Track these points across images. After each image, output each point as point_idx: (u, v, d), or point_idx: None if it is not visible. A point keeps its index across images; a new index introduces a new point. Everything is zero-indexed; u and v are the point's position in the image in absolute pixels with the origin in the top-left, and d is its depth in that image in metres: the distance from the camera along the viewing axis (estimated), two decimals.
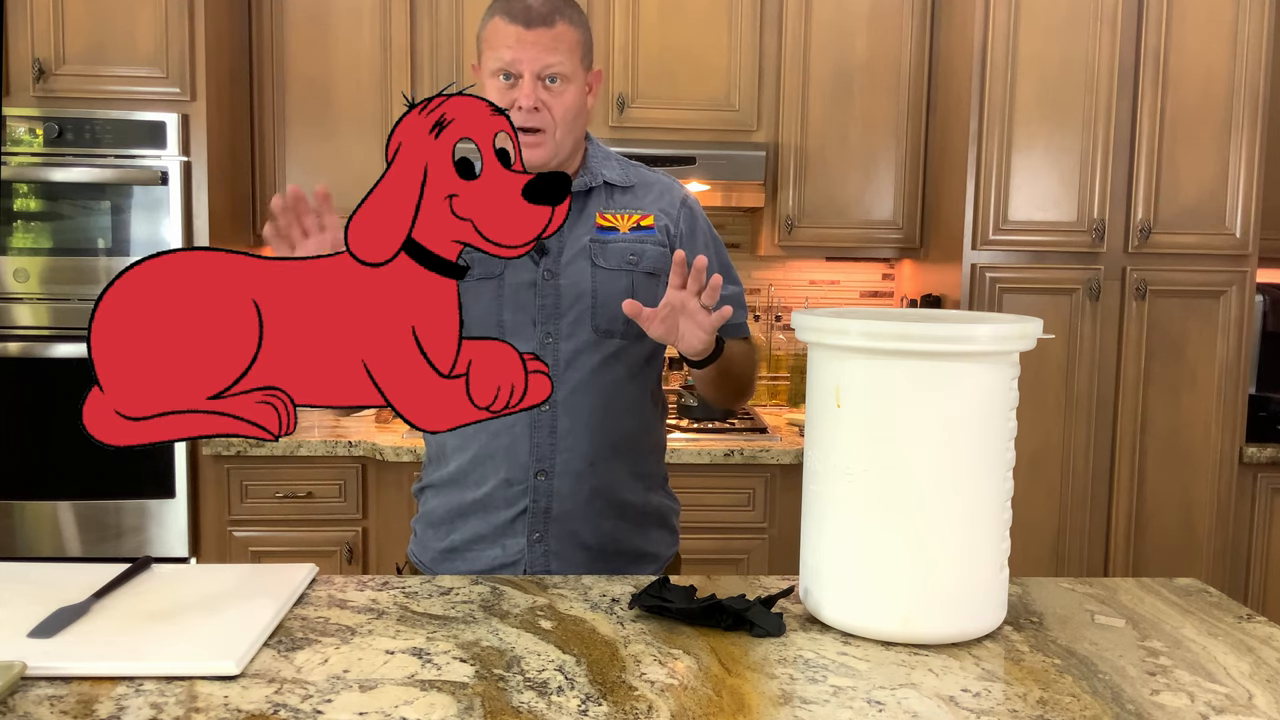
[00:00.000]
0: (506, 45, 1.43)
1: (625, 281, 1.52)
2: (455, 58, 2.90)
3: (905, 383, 1.16)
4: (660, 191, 1.59)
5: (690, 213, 1.60)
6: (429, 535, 1.60)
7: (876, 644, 1.19)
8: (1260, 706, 1.04)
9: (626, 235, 1.53)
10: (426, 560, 1.61)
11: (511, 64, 1.44)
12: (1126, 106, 2.69)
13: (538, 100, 1.44)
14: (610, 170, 1.56)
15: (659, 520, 1.63)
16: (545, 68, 1.44)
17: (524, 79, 1.44)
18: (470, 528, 1.55)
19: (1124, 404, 2.75)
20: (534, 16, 1.43)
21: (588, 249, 1.51)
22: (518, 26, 1.43)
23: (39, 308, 2.57)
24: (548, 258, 1.50)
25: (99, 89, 2.57)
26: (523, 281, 1.50)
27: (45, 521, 2.60)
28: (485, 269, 1.49)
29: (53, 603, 1.20)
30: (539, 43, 1.43)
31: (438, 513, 1.59)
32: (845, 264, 3.35)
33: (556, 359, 1.50)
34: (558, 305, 1.50)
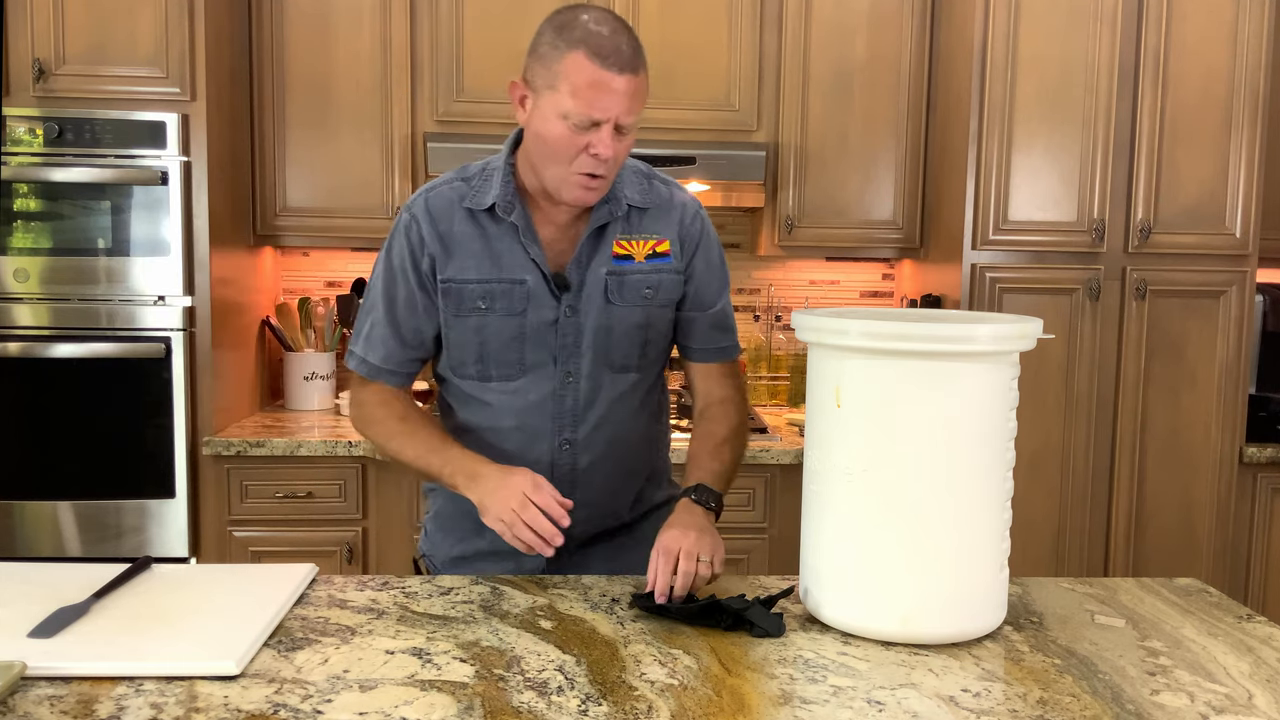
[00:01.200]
0: (594, 95, 1.31)
1: (641, 317, 1.49)
2: (455, 58, 2.90)
3: (905, 383, 1.16)
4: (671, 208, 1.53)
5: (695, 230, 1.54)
6: (442, 539, 1.60)
7: (876, 644, 1.19)
8: (1260, 706, 1.04)
9: (643, 265, 1.49)
10: (440, 563, 1.60)
11: (597, 114, 1.32)
12: (1126, 106, 2.69)
13: (614, 149, 1.35)
14: (632, 189, 1.50)
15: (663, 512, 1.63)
16: (625, 118, 1.34)
17: (603, 128, 1.33)
18: (487, 541, 1.51)
19: (1124, 404, 2.75)
20: (626, 63, 1.32)
21: (604, 284, 1.47)
22: (611, 72, 1.31)
23: (39, 308, 2.57)
24: (569, 294, 1.46)
25: (99, 89, 2.57)
26: (544, 320, 1.46)
27: (45, 521, 2.60)
28: (508, 305, 1.45)
29: (53, 603, 1.20)
30: (628, 93, 1.33)
31: (449, 512, 1.58)
32: (845, 264, 3.35)
33: (577, 397, 1.48)
34: (578, 343, 1.47)
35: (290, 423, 2.85)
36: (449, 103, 2.90)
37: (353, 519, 2.67)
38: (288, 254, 3.25)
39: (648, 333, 1.50)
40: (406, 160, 2.90)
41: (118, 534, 2.61)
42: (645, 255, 1.49)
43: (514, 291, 1.45)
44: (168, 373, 2.59)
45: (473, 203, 1.45)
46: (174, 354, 2.59)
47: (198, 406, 2.63)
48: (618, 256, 1.48)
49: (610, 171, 1.39)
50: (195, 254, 2.60)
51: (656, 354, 1.55)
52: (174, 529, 2.62)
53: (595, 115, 1.32)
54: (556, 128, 1.34)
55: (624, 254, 1.48)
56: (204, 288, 2.61)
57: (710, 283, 1.55)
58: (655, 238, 1.50)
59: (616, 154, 1.37)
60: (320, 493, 2.65)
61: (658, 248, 1.50)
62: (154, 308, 2.59)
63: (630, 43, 1.34)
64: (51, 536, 2.60)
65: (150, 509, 2.61)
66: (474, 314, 1.45)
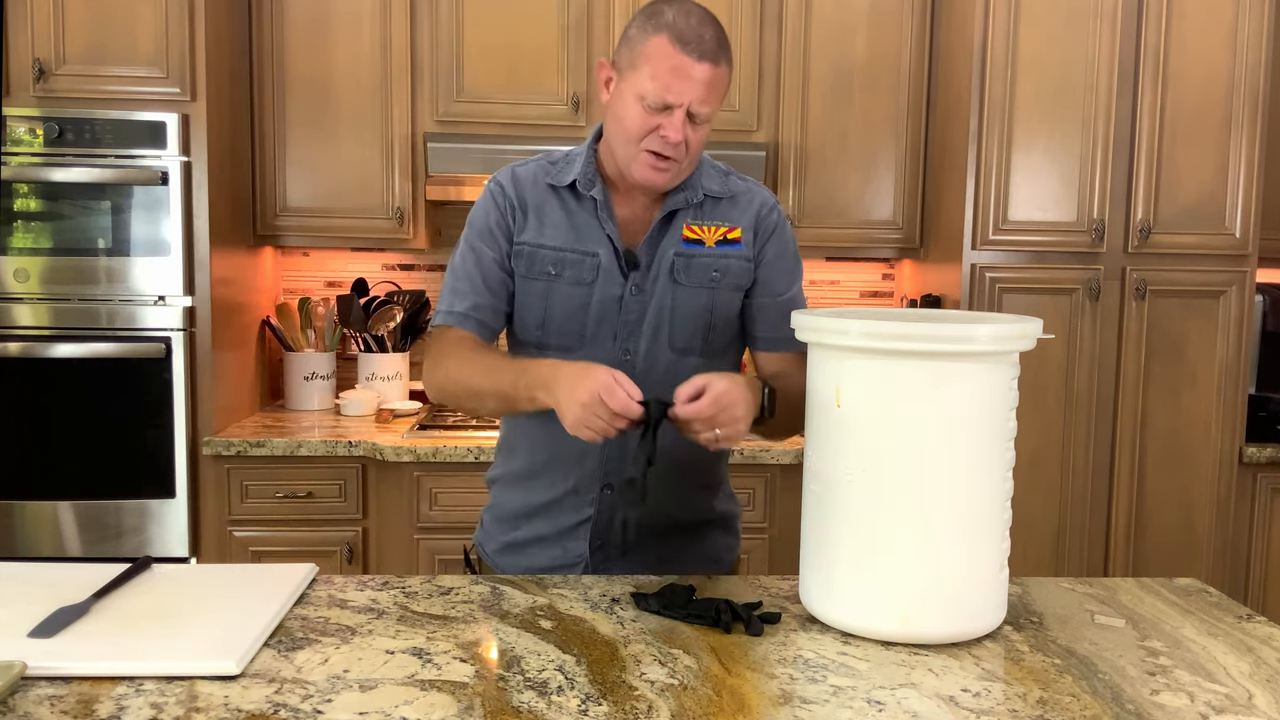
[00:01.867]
0: (671, 77, 1.35)
1: (706, 299, 1.49)
2: (455, 58, 2.90)
3: (905, 383, 1.16)
4: (749, 202, 1.54)
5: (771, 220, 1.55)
6: (495, 529, 1.61)
7: (876, 644, 1.19)
8: (1260, 706, 1.04)
9: (712, 250, 1.50)
10: (491, 551, 1.62)
11: (672, 98, 1.35)
12: (1126, 106, 2.69)
13: (685, 136, 1.38)
14: (710, 181, 1.52)
15: (721, 525, 1.63)
16: (699, 107, 1.37)
17: (676, 112, 1.36)
18: (534, 527, 1.55)
19: (1124, 404, 2.75)
20: (707, 51, 1.35)
21: (671, 264, 1.48)
22: (690, 59, 1.34)
23: (39, 308, 2.57)
24: (636, 272, 1.48)
25: (99, 89, 2.57)
26: (611, 295, 1.47)
27: (45, 521, 2.60)
28: (577, 274, 1.47)
29: (53, 603, 1.20)
30: (705, 81, 1.36)
31: (505, 508, 1.60)
32: (845, 264, 3.35)
33: (632, 375, 1.45)
34: (640, 321, 1.48)
35: (290, 423, 2.85)
36: (449, 103, 2.90)
37: (353, 519, 2.67)
38: (288, 254, 3.25)
39: (712, 316, 1.50)
40: (406, 160, 2.90)
41: (118, 534, 2.61)
42: (716, 241, 1.50)
43: (585, 262, 1.47)
44: (168, 373, 2.59)
45: (555, 179, 1.50)
46: (174, 354, 2.59)
47: (198, 406, 2.63)
48: (687, 240, 1.49)
49: (681, 157, 1.41)
50: (195, 254, 2.60)
51: (722, 342, 1.53)
52: (174, 529, 2.62)
53: (669, 99, 1.36)
54: (633, 108, 1.38)
55: (694, 238, 1.50)
56: (204, 288, 2.61)
57: (782, 270, 1.54)
58: (727, 225, 1.52)
59: (688, 140, 1.39)
60: (320, 493, 2.65)
61: (729, 234, 1.51)
62: (154, 308, 2.59)
63: (715, 34, 1.38)
64: (51, 536, 2.60)
65: (150, 509, 2.61)
66: (543, 278, 1.48)
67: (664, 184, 1.44)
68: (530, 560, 1.55)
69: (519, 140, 2.86)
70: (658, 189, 1.46)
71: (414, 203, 2.93)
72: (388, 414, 2.90)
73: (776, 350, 1.55)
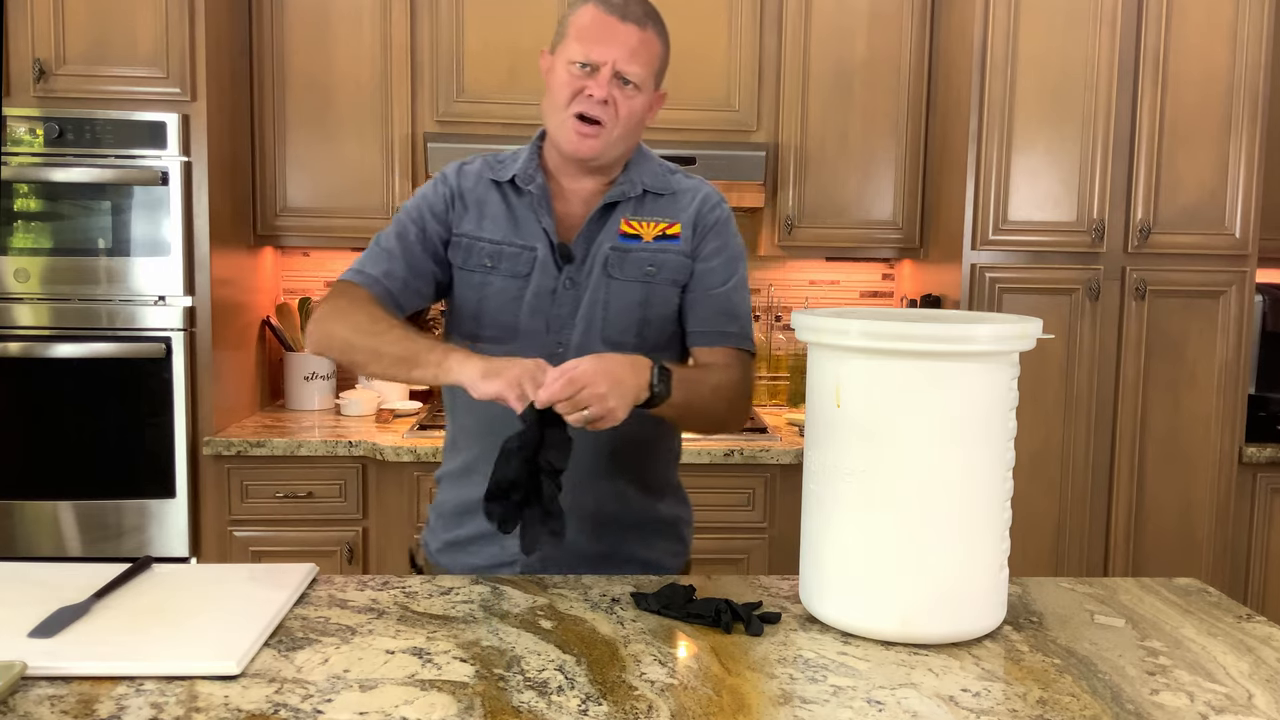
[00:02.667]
0: (596, 36, 1.41)
1: (641, 294, 1.49)
2: (455, 58, 2.90)
3: (905, 383, 1.16)
4: (691, 197, 1.55)
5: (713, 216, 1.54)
6: (438, 525, 1.61)
7: (876, 644, 1.19)
8: (1260, 706, 1.04)
9: (649, 245, 1.50)
10: (434, 550, 1.61)
11: (596, 55, 1.41)
12: (1126, 106, 2.69)
13: (609, 94, 1.42)
14: (649, 176, 1.53)
15: (666, 530, 1.60)
16: (625, 67, 1.42)
17: (601, 71, 1.41)
18: (474, 524, 1.54)
19: (1124, 404, 2.75)
20: (629, 13, 1.43)
21: (605, 258, 1.49)
22: (613, 18, 1.42)
23: (39, 308, 2.57)
24: (571, 265, 1.48)
25: (99, 89, 2.57)
26: (545, 288, 1.48)
27: (45, 521, 2.60)
28: (513, 267, 1.48)
29: (53, 603, 1.20)
30: (627, 41, 1.42)
31: (447, 505, 1.60)
32: (845, 264, 3.35)
33: None
34: (573, 315, 1.48)
35: (290, 423, 2.85)
36: (449, 103, 2.90)
37: (353, 519, 2.67)
38: (288, 254, 3.25)
39: (646, 311, 1.49)
40: (407, 160, 2.90)
41: (118, 534, 2.61)
42: (654, 236, 1.51)
43: (522, 255, 1.48)
44: (168, 373, 2.59)
45: (497, 175, 1.53)
46: (174, 354, 2.59)
47: (198, 406, 2.63)
48: (625, 235, 1.50)
49: (610, 121, 1.42)
50: (195, 254, 2.60)
51: (657, 339, 1.51)
52: (174, 529, 2.62)
53: (594, 56, 1.41)
54: (562, 75, 1.43)
55: (632, 233, 1.50)
56: (204, 288, 2.61)
57: (719, 265, 1.53)
58: (666, 221, 1.52)
59: (616, 103, 1.42)
60: (320, 493, 2.65)
61: (668, 230, 1.52)
62: (154, 308, 2.59)
63: (641, 3, 1.44)
64: (51, 536, 2.60)
65: (150, 509, 2.61)
66: (479, 270, 1.49)
67: (590, 151, 1.44)
68: (471, 558, 1.54)
69: (519, 140, 2.81)
70: (584, 157, 1.45)
71: None
72: (388, 414, 2.90)
73: (711, 344, 1.52)
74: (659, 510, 1.59)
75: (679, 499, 1.65)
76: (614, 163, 1.51)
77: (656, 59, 1.47)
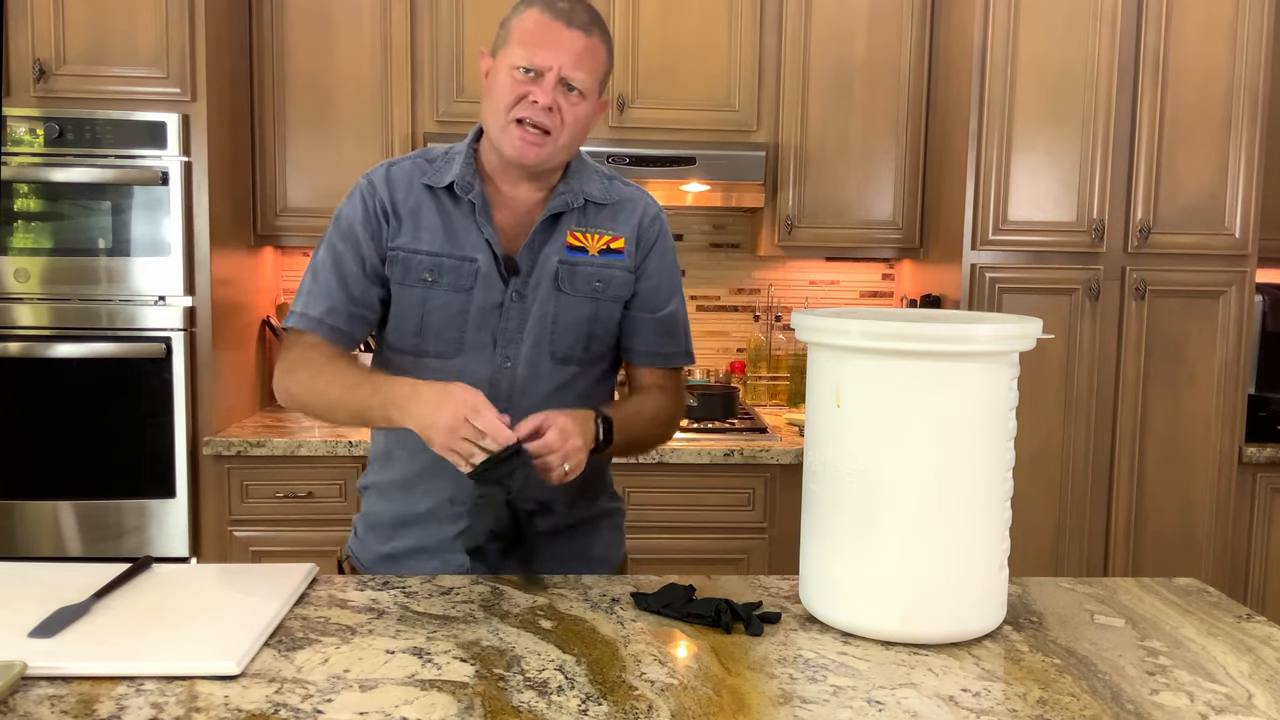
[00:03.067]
0: (540, 40, 1.38)
1: (589, 309, 1.48)
2: (455, 58, 2.90)
3: (905, 383, 1.16)
4: (632, 209, 1.53)
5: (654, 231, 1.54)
6: (370, 537, 1.58)
7: (876, 644, 1.19)
8: (1260, 706, 1.04)
9: (595, 259, 1.48)
10: (367, 561, 1.59)
11: (541, 60, 1.38)
12: (1126, 106, 2.69)
13: (554, 101, 1.39)
14: (591, 185, 1.51)
15: (607, 523, 1.61)
16: (570, 73, 1.39)
17: (546, 77, 1.38)
18: (412, 536, 1.53)
19: (1124, 404, 2.75)
20: (575, 19, 1.40)
21: (555, 272, 1.47)
22: (559, 23, 1.38)
23: (39, 308, 2.57)
24: (517, 279, 1.46)
25: (99, 89, 2.57)
26: (490, 301, 1.45)
27: (45, 521, 2.60)
28: (455, 280, 1.44)
29: (53, 603, 1.20)
30: (573, 47, 1.39)
31: (381, 517, 1.56)
32: (845, 264, 3.35)
33: (512, 383, 1.46)
34: (520, 328, 1.46)
35: (290, 423, 2.85)
36: (449, 103, 2.91)
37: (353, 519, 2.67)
38: (288, 254, 3.25)
39: (593, 326, 1.49)
40: None
41: (118, 534, 2.61)
42: (599, 250, 1.49)
43: (463, 268, 1.45)
44: (168, 373, 2.59)
45: (432, 180, 1.47)
46: (174, 354, 2.59)
47: (198, 406, 2.63)
48: (571, 247, 1.48)
49: (555, 129, 1.40)
50: (195, 254, 2.60)
51: (601, 350, 1.52)
52: (174, 529, 2.62)
53: (538, 61, 1.38)
54: (505, 79, 1.40)
55: (578, 245, 1.48)
56: (204, 288, 2.61)
57: (661, 285, 1.54)
58: (610, 234, 1.50)
59: (561, 111, 1.39)
60: (320, 493, 2.65)
61: (612, 244, 1.50)
62: (154, 308, 2.59)
63: (587, 9, 1.42)
64: (51, 536, 2.60)
65: (150, 509, 2.61)
66: (419, 285, 1.45)
67: (535, 159, 1.41)
68: (410, 572, 1.51)
69: None
70: (529, 165, 1.42)
71: None
72: None
73: (651, 365, 1.56)
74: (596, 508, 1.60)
75: (612, 494, 1.65)
76: (555, 169, 1.48)
77: (601, 66, 1.43)
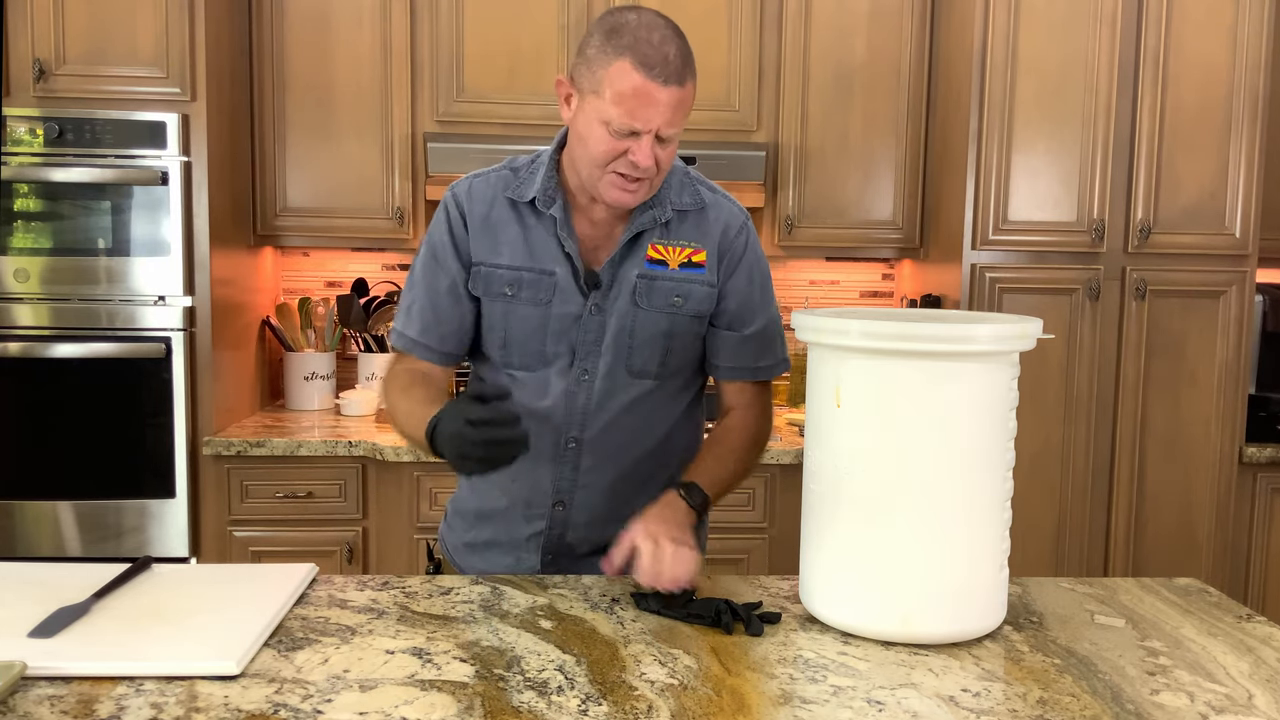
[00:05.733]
0: (638, 104, 1.30)
1: (665, 324, 1.46)
2: (455, 58, 2.90)
3: (905, 383, 1.16)
4: (715, 219, 1.50)
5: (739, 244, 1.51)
6: (457, 522, 1.61)
7: (876, 644, 1.19)
8: (1260, 706, 1.04)
9: (675, 273, 1.46)
10: (452, 548, 1.62)
11: (639, 124, 1.31)
12: (1126, 106, 2.69)
13: (653, 156, 1.34)
14: (679, 194, 1.48)
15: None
16: (667, 128, 1.33)
17: (645, 137, 1.32)
18: (490, 530, 1.55)
19: (1124, 404, 2.75)
20: (671, 73, 1.30)
21: (633, 286, 1.45)
22: (655, 84, 1.29)
23: (39, 308, 2.57)
24: (597, 292, 1.45)
25: (99, 89, 2.57)
26: (569, 313, 1.45)
27: (45, 521, 2.60)
28: (534, 294, 1.45)
29: (53, 603, 1.20)
30: (671, 104, 1.31)
31: (468, 505, 1.59)
32: (845, 264, 3.35)
33: (590, 396, 1.46)
34: (598, 342, 1.46)
35: (290, 423, 2.85)
36: (449, 103, 2.90)
37: (353, 519, 2.67)
38: (288, 254, 3.25)
39: (671, 341, 1.48)
40: (406, 160, 2.90)
41: (118, 534, 2.61)
42: (679, 263, 1.47)
43: (541, 282, 1.45)
44: (168, 373, 2.59)
45: (515, 194, 1.46)
46: (174, 354, 2.59)
47: (198, 406, 2.63)
48: (651, 260, 1.45)
49: (652, 176, 1.37)
50: (195, 254, 2.60)
51: (679, 365, 1.51)
52: (174, 529, 2.62)
53: (636, 125, 1.31)
54: (598, 131, 1.33)
55: (658, 259, 1.46)
56: (204, 288, 2.61)
57: (750, 302, 1.51)
58: (692, 246, 1.47)
59: (659, 161, 1.35)
60: (320, 493, 2.65)
61: (694, 257, 1.47)
62: (154, 308, 2.59)
63: (679, 51, 1.32)
64: (51, 536, 2.60)
65: (150, 509, 2.61)
66: (500, 299, 1.46)
67: (634, 203, 1.41)
68: (488, 564, 1.55)
69: (519, 140, 2.86)
70: (628, 208, 1.42)
71: (414, 203, 2.93)
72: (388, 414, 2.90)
73: (738, 379, 1.54)
74: None
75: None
76: None
77: (692, 102, 1.38)
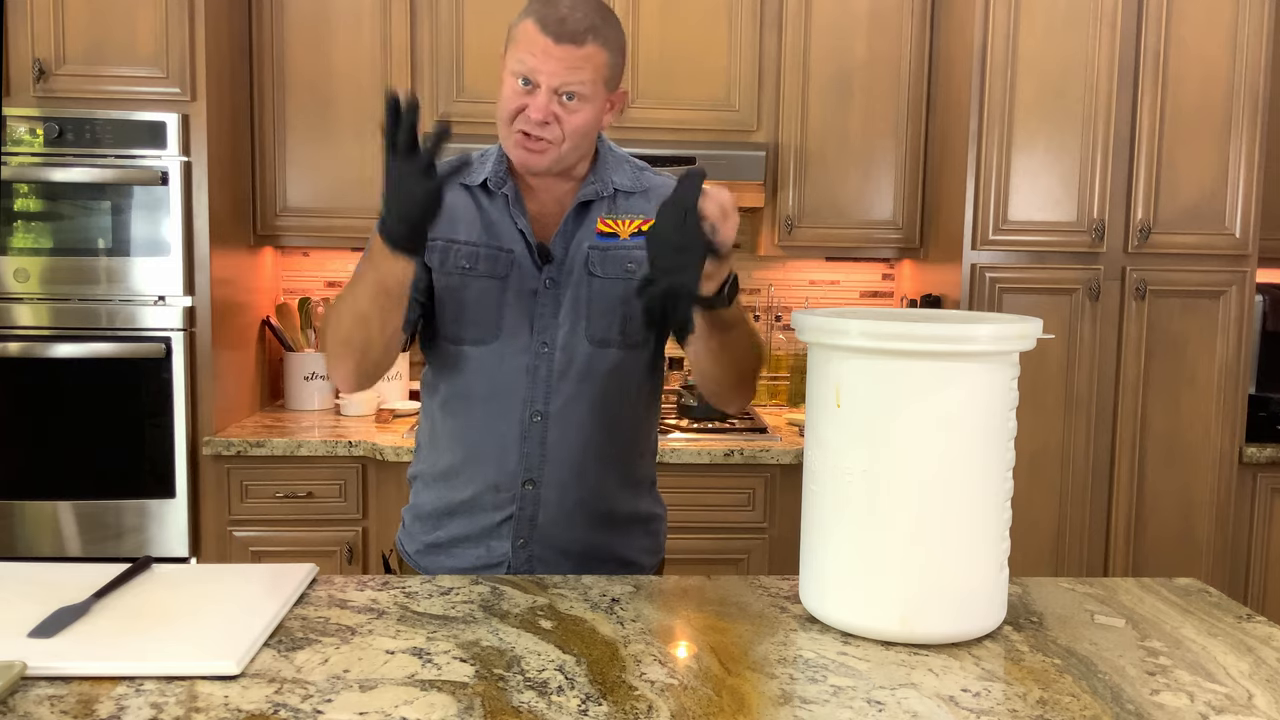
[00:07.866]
0: (531, 53, 1.38)
1: (621, 291, 1.50)
2: (455, 58, 2.90)
3: (905, 383, 1.16)
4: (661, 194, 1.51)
5: None
6: (416, 528, 1.61)
7: (876, 644, 1.19)
8: (1260, 706, 1.04)
9: (626, 242, 1.51)
10: (412, 552, 1.61)
11: (531, 73, 1.39)
12: (1126, 106, 2.69)
13: (549, 114, 1.40)
14: (620, 175, 1.54)
15: (644, 528, 1.61)
16: (564, 85, 1.39)
17: (540, 90, 1.39)
18: (456, 526, 1.55)
19: (1124, 404, 2.75)
20: (565, 32, 1.37)
21: (586, 256, 1.50)
22: (547, 39, 1.37)
23: (39, 308, 2.57)
24: (550, 265, 1.49)
25: (99, 89, 2.57)
26: (526, 288, 1.49)
27: (45, 521, 2.60)
28: (491, 269, 1.49)
29: (53, 603, 1.20)
30: (563, 60, 1.38)
31: (425, 508, 1.59)
32: (845, 264, 3.35)
33: (551, 369, 1.48)
34: (555, 314, 1.49)
35: (290, 423, 2.85)
36: (449, 103, 2.90)
37: (353, 519, 2.68)
38: (288, 254, 3.25)
39: (627, 308, 1.50)
40: None
41: (118, 534, 2.61)
42: (630, 233, 1.51)
43: (499, 257, 1.49)
44: (168, 373, 2.59)
45: (467, 179, 1.53)
46: (174, 354, 2.59)
47: (198, 406, 2.63)
48: (601, 233, 1.51)
49: (555, 138, 1.42)
50: (195, 254, 2.60)
51: (636, 333, 1.53)
52: (174, 529, 2.62)
53: (525, 74, 1.39)
54: (506, 88, 1.43)
55: (609, 231, 1.51)
56: (204, 288, 2.61)
57: None
58: (641, 217, 1.52)
59: (560, 120, 1.41)
60: (320, 493, 2.65)
61: (643, 226, 1.51)
62: (154, 308, 2.59)
63: (585, 16, 1.39)
64: (51, 536, 2.60)
65: (150, 509, 2.61)
66: (457, 272, 1.49)
67: (539, 165, 1.44)
68: (455, 561, 1.54)
69: None
70: (532, 171, 1.47)
71: None
72: (388, 414, 2.90)
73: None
74: (639, 507, 1.60)
75: (655, 497, 1.65)
76: (573, 166, 1.50)
77: (604, 68, 1.42)
